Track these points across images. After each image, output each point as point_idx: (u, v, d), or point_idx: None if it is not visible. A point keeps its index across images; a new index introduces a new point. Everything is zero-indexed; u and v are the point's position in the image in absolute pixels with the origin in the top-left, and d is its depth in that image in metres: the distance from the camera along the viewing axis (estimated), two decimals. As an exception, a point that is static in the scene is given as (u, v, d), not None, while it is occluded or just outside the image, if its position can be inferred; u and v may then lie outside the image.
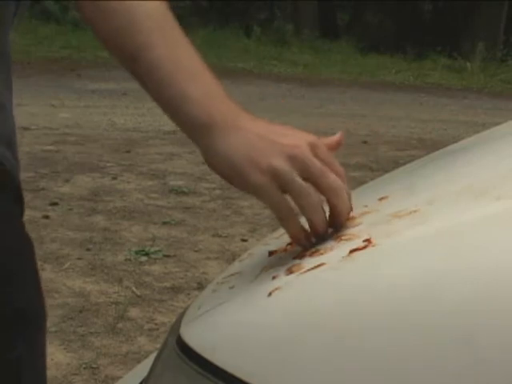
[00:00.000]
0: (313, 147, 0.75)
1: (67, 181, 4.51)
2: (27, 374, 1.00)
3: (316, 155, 0.74)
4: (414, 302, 0.68)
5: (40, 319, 1.02)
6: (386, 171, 1.51)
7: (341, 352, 0.68)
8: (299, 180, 0.73)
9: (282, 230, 0.95)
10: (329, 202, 0.76)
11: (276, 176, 0.73)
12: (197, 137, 0.78)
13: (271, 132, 0.75)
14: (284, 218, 0.76)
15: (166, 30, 0.82)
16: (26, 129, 6.02)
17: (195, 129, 0.77)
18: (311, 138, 0.76)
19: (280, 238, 0.93)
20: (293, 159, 0.73)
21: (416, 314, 0.67)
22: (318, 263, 0.75)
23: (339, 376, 0.68)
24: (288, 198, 0.75)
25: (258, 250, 0.94)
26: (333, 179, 0.74)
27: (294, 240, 0.78)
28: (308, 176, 0.74)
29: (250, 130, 0.75)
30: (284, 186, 0.74)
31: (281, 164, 0.72)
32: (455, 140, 1.48)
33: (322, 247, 0.80)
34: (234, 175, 0.75)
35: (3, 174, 0.94)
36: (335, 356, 0.68)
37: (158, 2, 0.84)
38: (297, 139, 0.75)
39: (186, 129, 0.78)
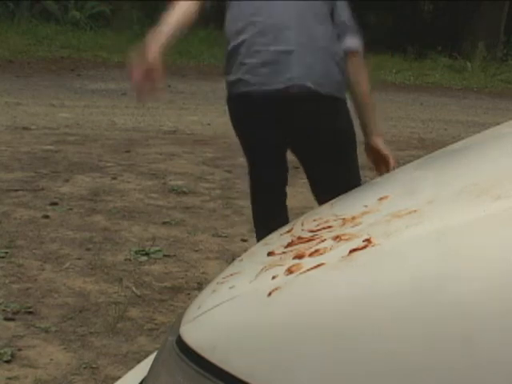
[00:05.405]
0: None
1: (67, 181, 4.50)
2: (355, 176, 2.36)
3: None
4: (414, 301, 0.68)
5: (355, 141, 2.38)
6: (386, 171, 1.51)
7: (340, 351, 0.68)
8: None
9: (281, 230, 0.95)
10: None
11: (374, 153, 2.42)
12: (367, 135, 2.39)
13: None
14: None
15: (368, 98, 2.42)
16: (25, 129, 6.02)
17: (368, 133, 2.39)
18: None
19: (280, 238, 0.93)
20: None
21: (415, 314, 0.67)
22: (318, 263, 0.75)
23: (338, 376, 0.68)
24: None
25: (258, 249, 0.94)
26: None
27: None
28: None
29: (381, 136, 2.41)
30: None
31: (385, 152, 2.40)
32: (455, 140, 1.48)
33: (321, 247, 0.80)
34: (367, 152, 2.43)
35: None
36: (334, 356, 0.68)
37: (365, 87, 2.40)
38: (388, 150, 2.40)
39: (365, 133, 2.39)
